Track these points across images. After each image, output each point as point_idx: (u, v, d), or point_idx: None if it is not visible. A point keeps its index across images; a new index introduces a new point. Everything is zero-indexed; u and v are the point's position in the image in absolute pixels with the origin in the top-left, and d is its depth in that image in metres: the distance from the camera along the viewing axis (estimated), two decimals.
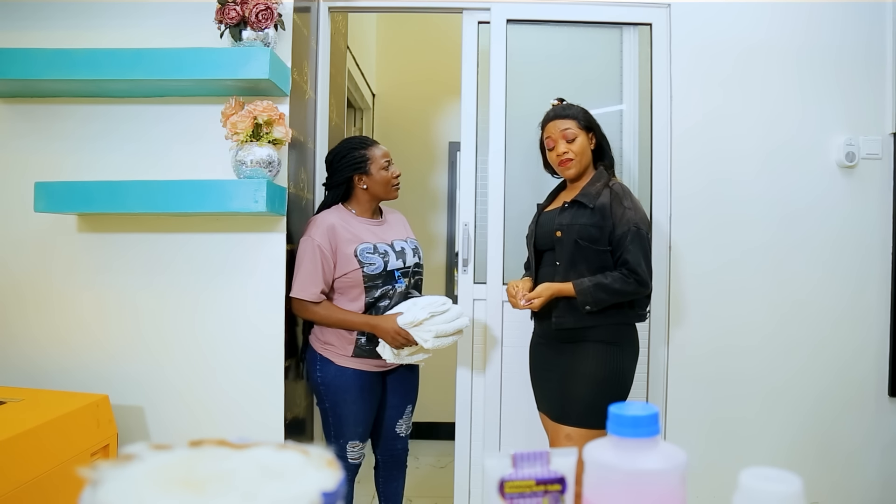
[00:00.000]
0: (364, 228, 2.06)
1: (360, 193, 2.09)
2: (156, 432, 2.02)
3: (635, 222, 1.86)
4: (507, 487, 0.58)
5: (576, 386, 1.89)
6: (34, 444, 1.46)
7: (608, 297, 1.84)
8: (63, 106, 2.02)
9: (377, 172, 2.06)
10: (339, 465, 0.41)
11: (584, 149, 1.99)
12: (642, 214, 1.91)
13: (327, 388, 2.02)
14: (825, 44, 2.40)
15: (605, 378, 1.87)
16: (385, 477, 2.21)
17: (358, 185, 2.08)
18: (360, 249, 2.00)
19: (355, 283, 1.99)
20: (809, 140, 2.40)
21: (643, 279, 1.84)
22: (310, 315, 2.01)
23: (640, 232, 1.86)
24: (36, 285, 2.03)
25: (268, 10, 1.85)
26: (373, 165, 2.06)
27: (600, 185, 1.93)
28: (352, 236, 2.01)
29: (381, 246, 2.04)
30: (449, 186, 3.85)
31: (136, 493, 0.36)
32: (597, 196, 1.91)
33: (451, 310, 2.01)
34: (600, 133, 2.02)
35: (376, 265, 2.00)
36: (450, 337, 1.98)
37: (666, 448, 0.56)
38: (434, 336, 1.93)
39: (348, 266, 1.98)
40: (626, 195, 1.91)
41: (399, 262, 2.05)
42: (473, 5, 2.44)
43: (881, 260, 2.40)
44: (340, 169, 2.07)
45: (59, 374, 2.00)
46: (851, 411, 2.40)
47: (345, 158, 2.07)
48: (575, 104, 2.05)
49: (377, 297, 2.00)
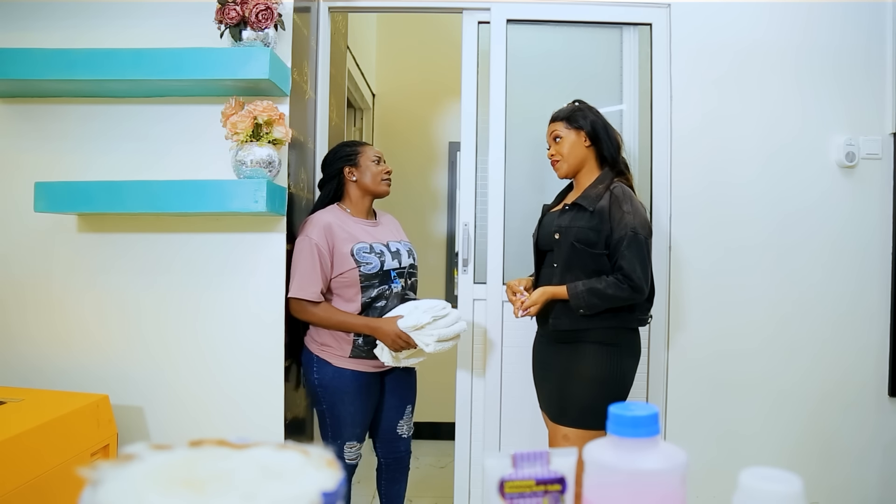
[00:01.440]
0: (359, 228, 2.06)
1: (351, 189, 2.10)
2: (156, 432, 2.02)
3: (633, 227, 1.83)
4: (507, 487, 0.58)
5: (573, 387, 1.89)
6: (34, 444, 1.46)
7: (601, 303, 1.83)
8: (63, 106, 2.02)
9: (367, 165, 2.09)
10: (339, 465, 0.41)
11: (572, 149, 1.96)
12: (642, 219, 1.86)
13: (325, 389, 2.01)
14: (825, 44, 2.40)
15: (602, 379, 1.86)
16: (388, 479, 2.20)
17: (349, 178, 2.10)
18: (357, 249, 2.00)
19: (352, 282, 1.99)
20: (809, 140, 2.39)
21: (638, 285, 1.81)
22: (308, 316, 2.00)
23: (637, 237, 1.83)
24: (36, 285, 2.03)
25: (268, 10, 1.85)
26: (362, 157, 2.10)
27: (602, 188, 1.91)
28: (348, 235, 2.01)
29: (377, 246, 2.04)
30: (449, 186, 3.85)
31: (136, 493, 0.36)
32: (597, 199, 1.89)
33: (451, 314, 2.02)
34: (594, 133, 1.96)
35: (373, 265, 2.00)
36: (450, 341, 1.99)
37: (666, 448, 0.56)
38: (436, 340, 1.93)
39: (345, 265, 1.98)
40: (627, 199, 1.87)
41: (395, 263, 2.05)
42: (473, 5, 2.44)
43: (881, 260, 2.40)
44: (332, 163, 2.12)
45: (59, 374, 2.00)
46: (851, 411, 2.40)
47: (336, 154, 2.13)
48: (579, 105, 2.01)
49: (373, 298, 2.00)
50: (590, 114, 1.98)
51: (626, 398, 1.94)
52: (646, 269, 1.85)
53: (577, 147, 1.97)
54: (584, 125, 1.96)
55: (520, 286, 1.97)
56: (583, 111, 1.99)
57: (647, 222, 1.89)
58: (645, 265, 1.84)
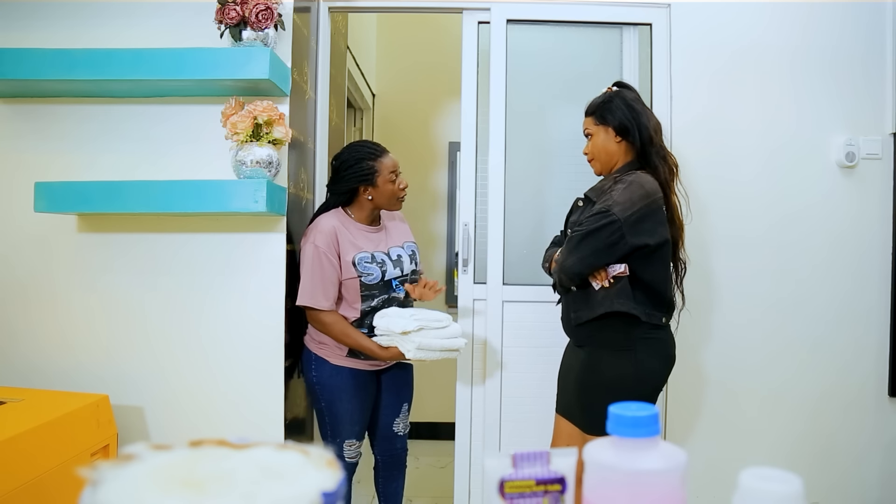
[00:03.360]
0: (362, 236, 2.04)
1: (363, 202, 2.07)
2: (156, 432, 2.02)
3: (609, 205, 1.71)
4: (507, 487, 0.58)
5: (589, 395, 1.80)
6: (34, 444, 1.46)
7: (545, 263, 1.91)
8: (63, 106, 2.02)
9: (384, 185, 2.03)
10: (339, 465, 0.41)
11: (603, 146, 1.86)
12: (626, 204, 1.71)
13: (322, 387, 2.02)
14: (825, 44, 2.40)
15: (618, 385, 1.76)
16: (385, 477, 2.21)
17: (363, 195, 2.05)
18: (359, 258, 1.99)
19: (352, 289, 1.99)
20: (809, 140, 2.39)
21: (564, 261, 1.76)
22: (319, 325, 2.00)
23: (606, 214, 1.70)
24: (36, 285, 2.03)
25: (268, 10, 1.85)
26: (380, 178, 2.02)
27: (611, 181, 1.82)
28: (351, 245, 2.00)
29: (378, 255, 2.03)
30: (449, 186, 3.85)
31: (136, 493, 0.36)
32: (605, 190, 1.80)
33: (451, 327, 1.98)
34: (623, 127, 1.82)
35: (374, 275, 1.99)
36: (436, 353, 1.93)
37: (666, 448, 0.56)
38: (416, 347, 1.89)
39: (347, 273, 1.98)
40: (628, 183, 1.74)
41: (396, 271, 2.05)
42: (473, 5, 2.43)
43: (881, 260, 2.40)
44: (347, 178, 2.03)
45: (59, 374, 2.00)
46: (851, 411, 2.40)
47: (352, 168, 2.02)
48: (612, 94, 1.87)
49: (373, 307, 2.00)
50: (620, 105, 1.84)
51: (656, 401, 1.85)
52: (593, 247, 1.72)
53: (608, 143, 1.86)
54: (611, 120, 1.84)
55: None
56: (611, 104, 1.85)
57: (634, 209, 1.71)
58: (596, 244, 1.72)
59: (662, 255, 1.81)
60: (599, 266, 1.75)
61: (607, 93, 1.90)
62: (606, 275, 1.76)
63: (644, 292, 1.77)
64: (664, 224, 1.79)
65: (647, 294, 1.77)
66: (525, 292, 2.39)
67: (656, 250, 1.77)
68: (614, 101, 1.86)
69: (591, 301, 1.78)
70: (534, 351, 2.37)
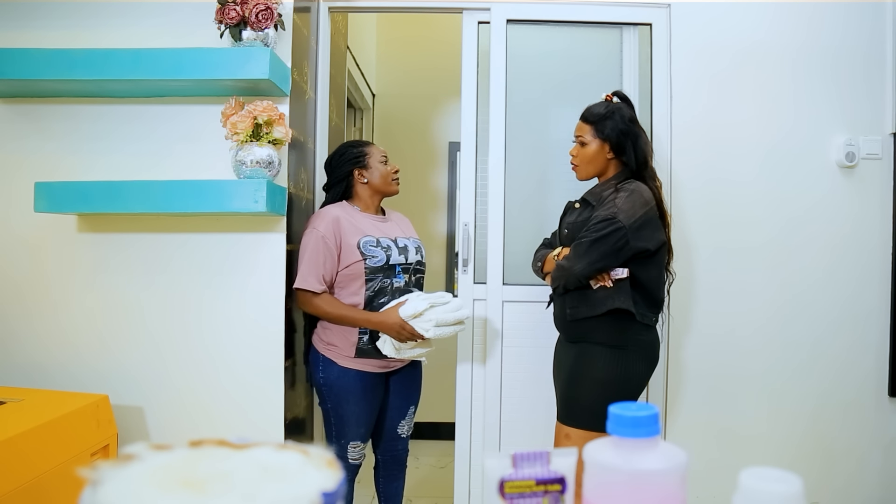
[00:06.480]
0: (368, 222, 2.07)
1: (360, 189, 2.11)
2: (156, 432, 2.02)
3: (614, 212, 1.77)
4: (507, 487, 0.58)
5: (577, 387, 1.88)
6: (34, 444, 1.46)
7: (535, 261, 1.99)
8: (63, 106, 2.02)
9: (376, 165, 2.11)
10: (339, 466, 0.41)
11: (592, 158, 1.92)
12: (630, 212, 1.77)
13: (330, 388, 2.02)
14: (825, 44, 2.40)
15: (606, 381, 1.84)
16: (385, 477, 2.21)
17: (358, 180, 2.11)
18: (364, 242, 2.01)
19: (357, 275, 1.99)
20: (809, 140, 2.39)
21: (568, 265, 1.82)
22: (312, 308, 2.01)
23: (612, 221, 1.76)
24: (36, 285, 2.03)
25: (268, 10, 1.85)
26: (371, 159, 2.11)
27: (612, 185, 1.87)
28: (355, 229, 2.02)
29: (384, 240, 2.05)
30: (449, 186, 3.85)
31: (136, 494, 0.36)
32: (603, 194, 1.87)
33: (452, 302, 2.04)
34: (618, 146, 1.89)
35: (378, 258, 2.01)
36: (450, 327, 1.99)
37: (666, 448, 0.56)
38: (434, 325, 1.94)
39: (351, 257, 1.99)
40: (630, 192, 1.80)
41: (401, 258, 2.06)
42: (473, 5, 2.43)
43: (881, 260, 2.40)
44: (340, 165, 2.11)
45: (59, 374, 2.00)
46: (851, 411, 2.40)
47: (343, 156, 2.12)
48: (613, 107, 1.91)
49: (376, 292, 2.01)
50: (620, 122, 1.88)
51: (636, 400, 1.93)
52: (600, 253, 1.78)
53: (599, 156, 1.92)
54: (610, 136, 1.89)
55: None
56: (613, 118, 1.89)
57: (637, 216, 1.78)
58: (600, 250, 1.78)
59: (658, 259, 1.89)
60: (606, 270, 1.82)
61: (607, 102, 1.94)
62: (609, 277, 1.83)
63: (640, 293, 1.85)
64: (661, 230, 1.87)
65: (643, 295, 1.86)
66: (525, 292, 2.39)
67: (654, 255, 1.86)
68: (615, 117, 1.90)
69: (592, 299, 1.85)
70: (534, 351, 2.37)
